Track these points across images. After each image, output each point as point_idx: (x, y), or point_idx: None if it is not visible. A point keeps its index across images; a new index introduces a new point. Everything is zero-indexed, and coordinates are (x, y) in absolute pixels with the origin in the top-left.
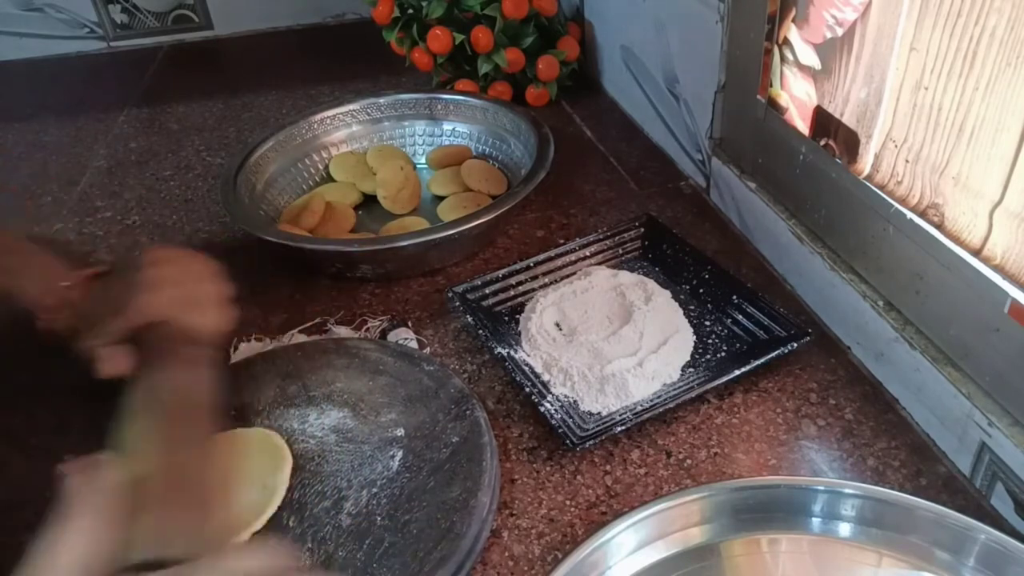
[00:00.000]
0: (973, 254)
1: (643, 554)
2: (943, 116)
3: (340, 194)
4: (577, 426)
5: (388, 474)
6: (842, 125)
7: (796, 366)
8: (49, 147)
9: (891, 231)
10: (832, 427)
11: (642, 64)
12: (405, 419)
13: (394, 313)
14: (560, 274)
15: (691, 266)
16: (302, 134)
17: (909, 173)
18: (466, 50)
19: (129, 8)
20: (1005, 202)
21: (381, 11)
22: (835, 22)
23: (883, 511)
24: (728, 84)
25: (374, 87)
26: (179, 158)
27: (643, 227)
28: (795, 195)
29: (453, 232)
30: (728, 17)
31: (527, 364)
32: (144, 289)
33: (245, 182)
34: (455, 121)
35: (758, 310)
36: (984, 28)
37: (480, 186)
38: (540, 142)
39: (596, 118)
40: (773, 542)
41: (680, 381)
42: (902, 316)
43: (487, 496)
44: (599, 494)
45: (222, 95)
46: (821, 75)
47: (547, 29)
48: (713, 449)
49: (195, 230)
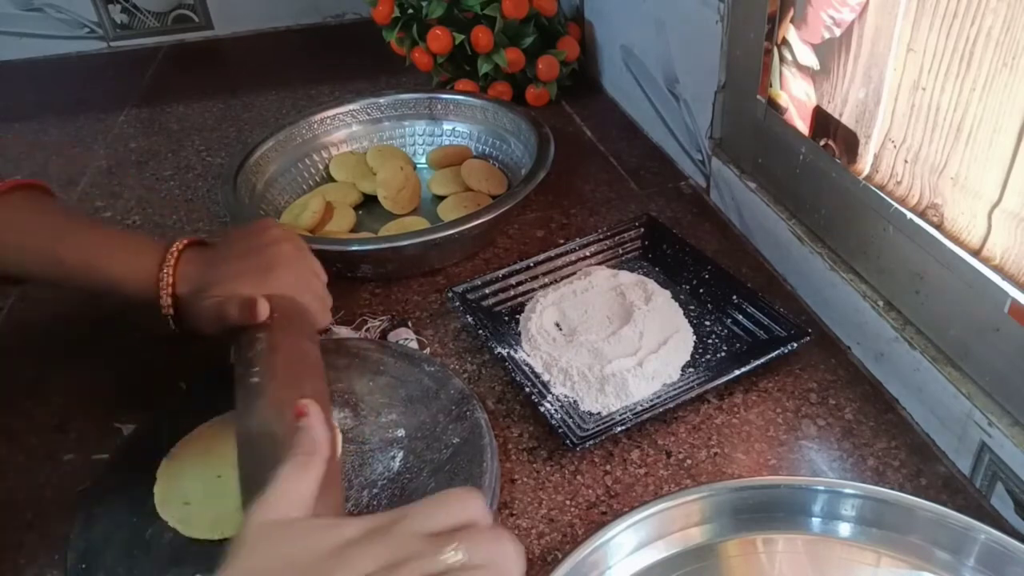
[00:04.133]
0: (973, 254)
1: (643, 554)
2: (941, 116)
3: (340, 194)
4: (577, 426)
5: (389, 475)
6: (841, 125)
7: (796, 366)
8: (49, 147)
9: (891, 231)
10: (832, 427)
11: (642, 64)
12: (406, 420)
13: (394, 313)
14: (560, 274)
15: (691, 266)
16: (302, 134)
17: (908, 173)
18: (466, 50)
19: (129, 8)
20: (1003, 202)
21: (381, 11)
22: (833, 23)
23: (883, 511)
24: (728, 84)
25: (374, 87)
26: (179, 158)
27: (643, 227)
28: (795, 195)
29: (453, 232)
30: (728, 17)
31: (527, 364)
32: (279, 264)
33: (245, 182)
34: (455, 121)
35: (758, 310)
36: (980, 28)
37: (480, 186)
38: (540, 142)
39: (596, 118)
40: (773, 542)
41: (680, 381)
42: (902, 316)
43: (487, 496)
44: (599, 494)
45: (222, 95)
46: (820, 75)
47: (547, 29)
48: (713, 449)
49: (195, 230)
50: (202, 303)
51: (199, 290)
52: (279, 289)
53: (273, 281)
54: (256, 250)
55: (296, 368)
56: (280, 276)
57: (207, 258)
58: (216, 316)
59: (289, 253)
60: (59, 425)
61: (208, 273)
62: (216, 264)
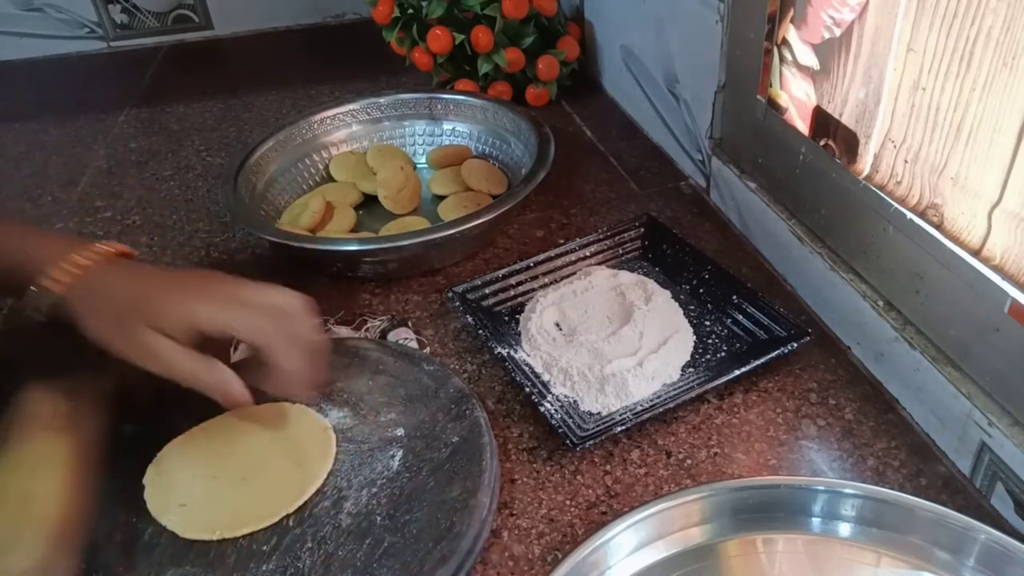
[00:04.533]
0: (972, 254)
1: (643, 554)
2: (941, 116)
3: (340, 194)
4: (577, 426)
5: (388, 474)
6: (841, 125)
7: (796, 366)
8: (49, 147)
9: (891, 231)
10: (832, 427)
11: (642, 64)
12: (405, 419)
13: (394, 313)
14: (560, 274)
15: (691, 266)
16: (302, 134)
17: (908, 173)
18: (466, 50)
19: (129, 8)
20: (1003, 203)
21: (381, 11)
22: (833, 23)
23: (883, 511)
24: (728, 84)
25: (374, 87)
26: (179, 158)
27: (643, 227)
28: (795, 195)
29: (453, 232)
30: (728, 17)
31: (527, 364)
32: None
33: (245, 182)
34: (455, 121)
35: (758, 310)
36: (980, 28)
37: (480, 186)
38: (540, 142)
39: (596, 118)
40: (772, 542)
41: (680, 381)
42: (902, 316)
43: (487, 496)
44: (599, 494)
45: (222, 95)
46: (820, 75)
47: (547, 29)
48: (713, 449)
49: (195, 230)
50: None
51: (106, 297)
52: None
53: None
54: (189, 275)
55: None
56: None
57: (132, 270)
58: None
59: (223, 277)
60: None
61: (126, 285)
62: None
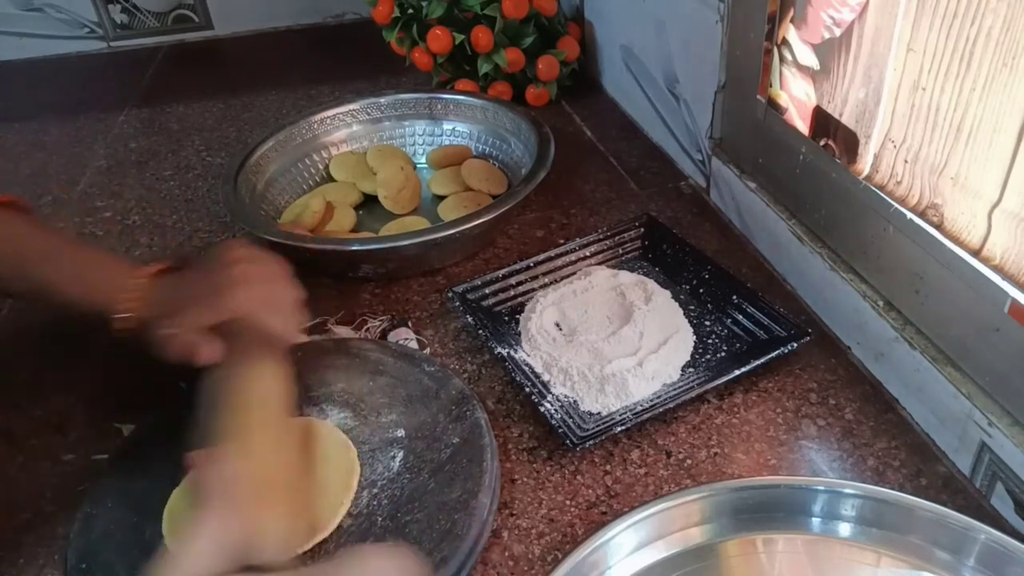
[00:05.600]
0: (972, 254)
1: (643, 554)
2: (941, 117)
3: (340, 194)
4: (577, 426)
5: (389, 475)
6: (841, 125)
7: (796, 366)
8: (49, 147)
9: (891, 231)
10: (832, 427)
11: (642, 64)
12: (405, 420)
13: (394, 313)
14: (560, 274)
15: (691, 266)
16: (302, 134)
17: (908, 173)
18: (466, 50)
19: (129, 8)
20: (1003, 202)
21: (381, 11)
22: (833, 23)
23: (883, 511)
24: (728, 84)
25: (374, 87)
26: (179, 158)
27: (643, 227)
28: (795, 195)
29: (453, 232)
30: (728, 17)
31: (527, 364)
32: (234, 285)
33: (245, 182)
34: (455, 121)
35: (758, 310)
36: (980, 29)
37: (480, 186)
38: (540, 142)
39: (596, 118)
40: (773, 542)
41: (680, 381)
42: (902, 316)
43: (487, 496)
44: (599, 494)
45: (222, 95)
46: (820, 75)
47: (547, 29)
48: (713, 449)
49: (195, 230)
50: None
51: (158, 317)
52: (235, 310)
53: (229, 302)
54: (213, 272)
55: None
56: (236, 296)
57: (172, 283)
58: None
59: (248, 272)
60: (59, 425)
61: (168, 300)
62: (176, 289)
